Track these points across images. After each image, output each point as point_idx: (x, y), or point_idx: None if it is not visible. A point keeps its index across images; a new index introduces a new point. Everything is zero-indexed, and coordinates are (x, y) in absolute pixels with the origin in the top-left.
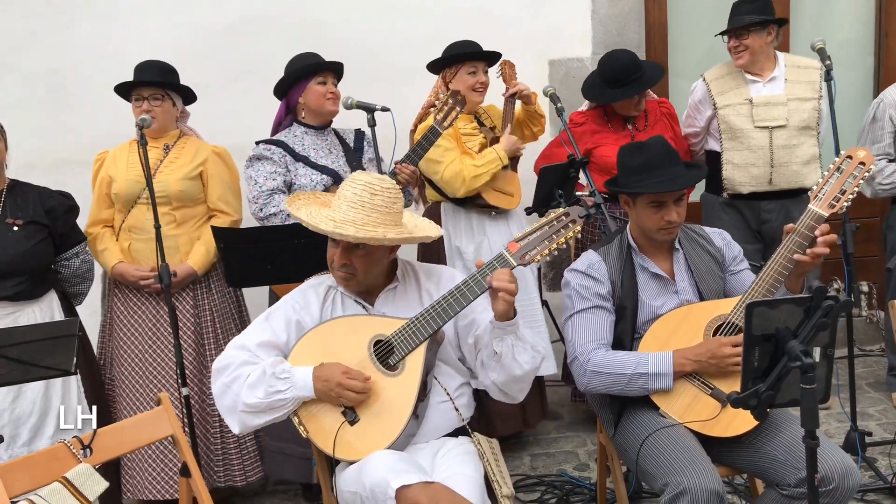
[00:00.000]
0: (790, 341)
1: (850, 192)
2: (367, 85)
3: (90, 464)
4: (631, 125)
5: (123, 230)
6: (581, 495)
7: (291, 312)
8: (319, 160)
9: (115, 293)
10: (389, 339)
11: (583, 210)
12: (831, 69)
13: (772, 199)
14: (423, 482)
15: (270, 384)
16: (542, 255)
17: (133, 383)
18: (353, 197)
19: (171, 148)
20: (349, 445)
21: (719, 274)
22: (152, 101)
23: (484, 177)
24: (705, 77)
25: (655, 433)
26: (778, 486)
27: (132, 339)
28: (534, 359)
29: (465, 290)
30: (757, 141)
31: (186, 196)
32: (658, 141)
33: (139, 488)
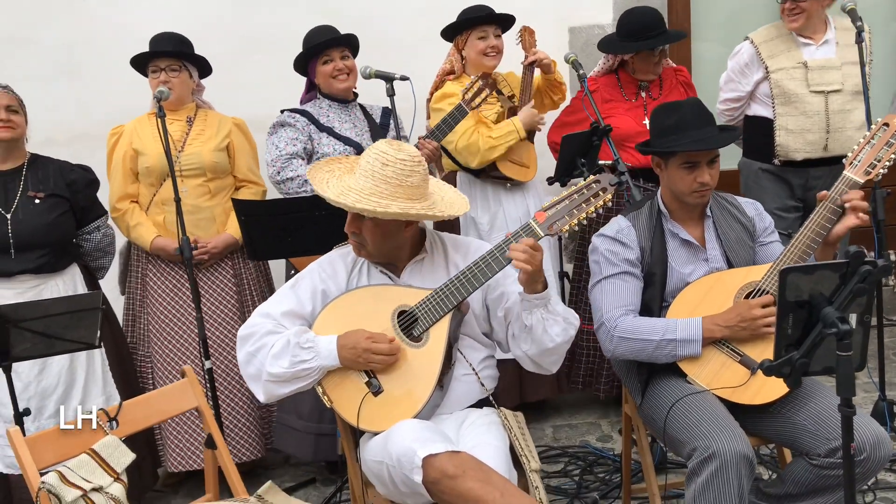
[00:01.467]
0: (825, 308)
1: (886, 160)
2: (383, 54)
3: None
4: (645, 93)
5: (156, 203)
6: (605, 466)
7: (318, 281)
8: (344, 132)
9: (150, 268)
10: (413, 310)
11: (614, 178)
12: (863, 30)
13: (822, 166)
14: (450, 451)
15: (295, 354)
16: (570, 226)
17: (173, 356)
18: (367, 166)
19: (194, 120)
20: (373, 416)
21: (750, 244)
22: (169, 73)
23: (499, 149)
24: (752, 39)
25: (682, 399)
26: (808, 455)
27: (170, 313)
28: (566, 331)
29: (490, 260)
30: (812, 106)
31: (219, 167)
32: (692, 101)
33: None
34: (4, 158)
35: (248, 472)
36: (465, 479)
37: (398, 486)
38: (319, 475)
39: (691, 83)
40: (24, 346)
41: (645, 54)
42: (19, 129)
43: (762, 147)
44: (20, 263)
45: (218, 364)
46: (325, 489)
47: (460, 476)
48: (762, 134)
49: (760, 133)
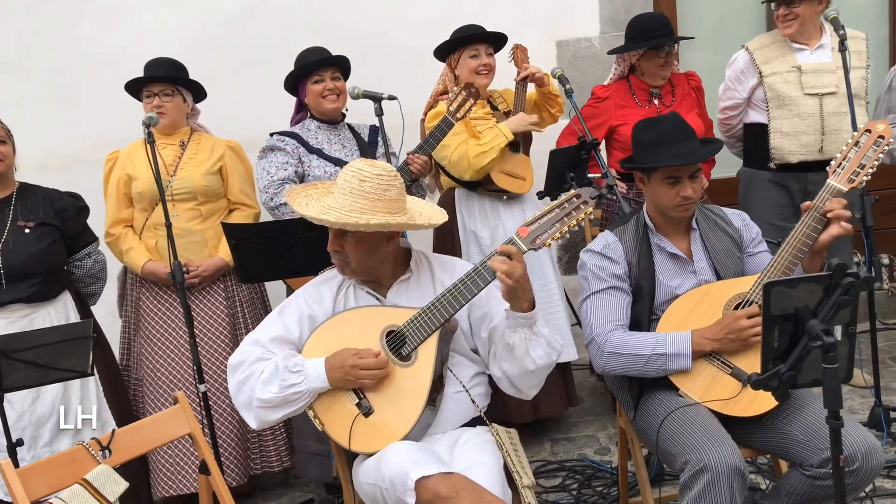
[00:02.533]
0: (810, 320)
1: (869, 167)
2: (376, 71)
3: (109, 465)
4: (657, 100)
5: (148, 228)
6: (602, 480)
7: (304, 306)
8: (333, 153)
9: (143, 292)
10: (401, 329)
11: (594, 191)
12: (845, 39)
13: (819, 170)
14: (443, 473)
15: (284, 378)
16: (553, 239)
17: (164, 381)
18: (344, 184)
19: (187, 144)
20: (364, 437)
21: (737, 255)
22: (163, 97)
23: (489, 154)
24: (748, 47)
25: (675, 412)
26: (801, 466)
27: (163, 337)
28: (548, 354)
29: (475, 277)
30: (807, 108)
31: (211, 191)
32: (671, 116)
33: (164, 484)
34: None
35: (247, 494)
36: (458, 500)
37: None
38: (317, 496)
39: (701, 87)
40: (17, 377)
41: (651, 56)
42: (7, 161)
43: (760, 153)
44: (11, 293)
45: (210, 388)
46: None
47: (453, 497)
48: (759, 140)
49: (757, 139)
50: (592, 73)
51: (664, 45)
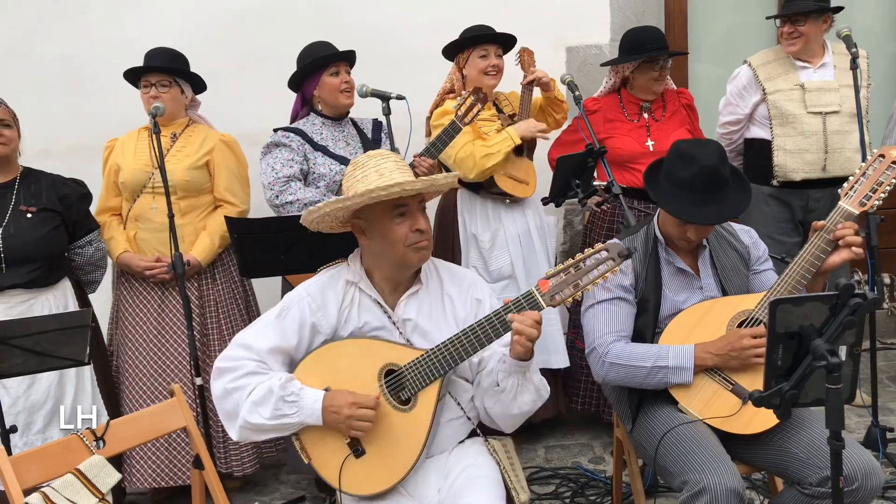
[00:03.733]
0: (815, 340)
1: (881, 191)
2: (382, 70)
3: (103, 455)
4: (647, 114)
5: (130, 219)
6: (596, 489)
7: (308, 313)
8: (337, 150)
9: (122, 282)
10: (402, 371)
11: (624, 248)
12: (857, 57)
13: (821, 188)
14: None
15: (277, 407)
16: (574, 298)
17: (138, 373)
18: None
19: (179, 136)
20: (355, 479)
21: (744, 271)
22: (160, 88)
23: (495, 157)
24: (751, 62)
25: (674, 429)
26: (799, 484)
27: (138, 328)
28: (534, 402)
29: (487, 327)
30: (810, 126)
31: (191, 186)
32: (710, 162)
33: (145, 477)
34: None
35: (240, 488)
36: None
37: None
38: (309, 492)
39: (693, 106)
40: (13, 363)
41: (645, 69)
42: (12, 144)
43: (761, 169)
44: (11, 278)
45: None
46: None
47: None
48: (761, 156)
49: (759, 155)
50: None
51: (659, 58)
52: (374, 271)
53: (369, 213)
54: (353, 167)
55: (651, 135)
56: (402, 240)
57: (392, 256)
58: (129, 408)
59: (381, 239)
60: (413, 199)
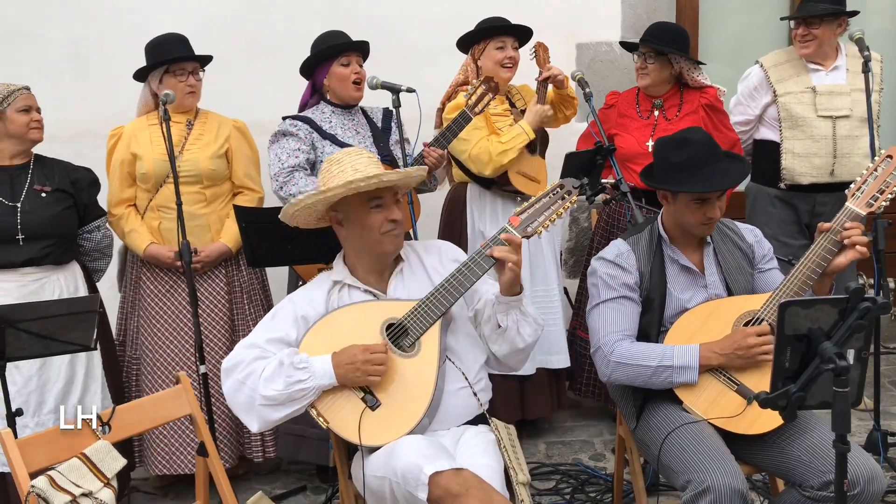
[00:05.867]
0: (824, 342)
1: (888, 192)
2: (392, 63)
3: (109, 441)
4: (659, 111)
5: (151, 209)
6: (596, 486)
7: (297, 308)
8: (346, 139)
9: (144, 272)
10: (402, 321)
11: (576, 181)
12: (870, 60)
13: (829, 192)
14: (455, 469)
15: (289, 374)
16: (543, 227)
17: (162, 361)
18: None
19: (194, 124)
20: (375, 431)
21: (749, 270)
22: (195, 76)
23: (511, 153)
24: (762, 63)
25: (678, 429)
26: (800, 487)
27: (163, 318)
28: (536, 332)
29: (472, 265)
30: (820, 130)
31: (216, 175)
32: (702, 137)
33: (157, 463)
34: (14, 155)
35: (241, 476)
36: (467, 497)
37: (398, 502)
38: (310, 482)
39: (717, 106)
40: (19, 346)
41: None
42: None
43: (769, 171)
44: (26, 252)
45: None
46: (316, 497)
47: (463, 495)
48: (769, 158)
49: (768, 157)
50: (611, 78)
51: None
52: (357, 265)
53: (346, 205)
54: (329, 164)
55: (655, 134)
56: (377, 227)
57: (369, 242)
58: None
59: (359, 227)
60: (388, 192)
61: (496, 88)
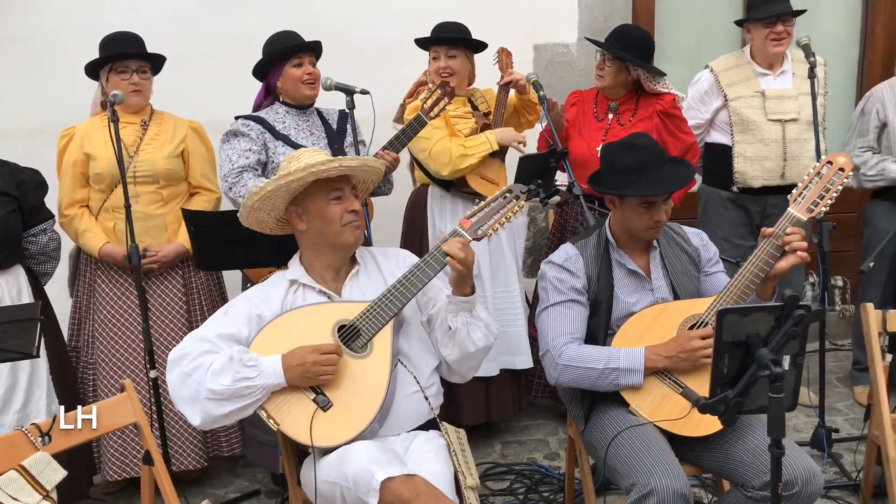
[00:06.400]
0: (760, 349)
1: (828, 198)
2: (348, 62)
3: (49, 452)
4: (614, 114)
5: (106, 210)
6: (550, 485)
7: (252, 306)
8: (300, 140)
9: (99, 275)
10: (354, 322)
11: (523, 186)
12: (815, 66)
13: (779, 194)
14: (406, 475)
15: (238, 370)
16: (493, 230)
17: (119, 365)
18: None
19: (149, 124)
20: (326, 432)
21: (695, 274)
22: (140, 74)
23: (471, 159)
24: (712, 67)
25: (625, 431)
26: (742, 487)
27: (119, 321)
28: (486, 337)
29: (424, 266)
30: (770, 134)
31: (173, 175)
32: (648, 142)
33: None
34: None
35: (194, 481)
36: (417, 503)
37: None
38: (264, 486)
39: (673, 112)
40: None
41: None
42: None
43: (721, 174)
44: None
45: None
46: (270, 501)
47: (413, 500)
48: (721, 161)
49: (719, 160)
50: (568, 79)
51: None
52: (313, 262)
53: (305, 198)
54: (288, 161)
55: (607, 139)
56: (337, 218)
57: (329, 235)
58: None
59: (319, 220)
60: (347, 184)
61: (452, 93)
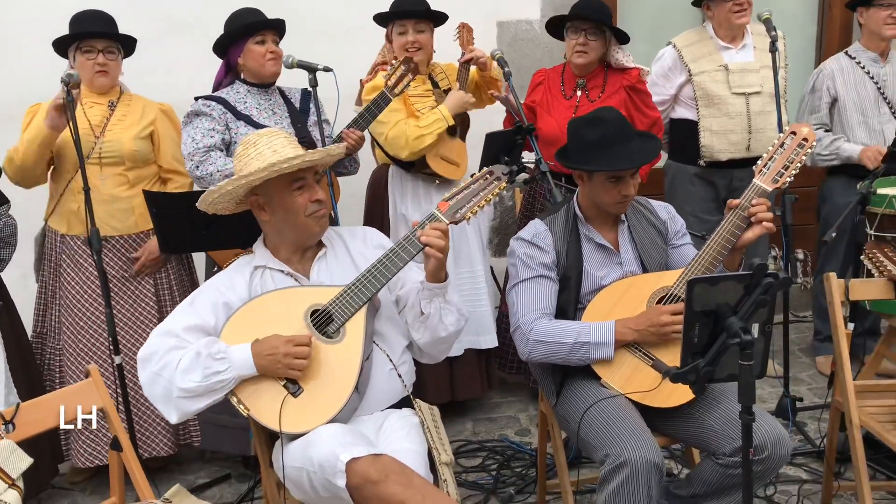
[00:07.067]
0: (730, 318)
1: (793, 168)
2: (310, 41)
3: (13, 440)
4: (582, 91)
5: (70, 192)
6: (522, 461)
7: (217, 294)
8: (262, 120)
9: (64, 259)
10: (327, 308)
11: (505, 168)
12: (776, 40)
13: (745, 167)
14: (373, 455)
15: (207, 366)
16: (471, 213)
17: (86, 351)
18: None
19: (117, 105)
20: (296, 418)
21: (662, 246)
22: (107, 55)
23: (428, 138)
24: (675, 44)
25: (597, 404)
26: (714, 455)
27: (85, 306)
28: (458, 321)
29: (399, 251)
30: (734, 107)
31: (140, 156)
32: (614, 115)
33: (82, 454)
34: None
35: (161, 468)
36: (387, 483)
37: (318, 492)
38: (234, 471)
39: (640, 87)
40: None
41: (569, 39)
42: None
43: (688, 149)
44: None
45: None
46: (241, 485)
47: (383, 481)
48: (687, 136)
49: (685, 135)
50: (532, 56)
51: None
52: (279, 247)
53: (267, 189)
54: (245, 147)
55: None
56: (302, 209)
57: (294, 226)
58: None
59: (283, 211)
60: (309, 171)
61: (416, 69)
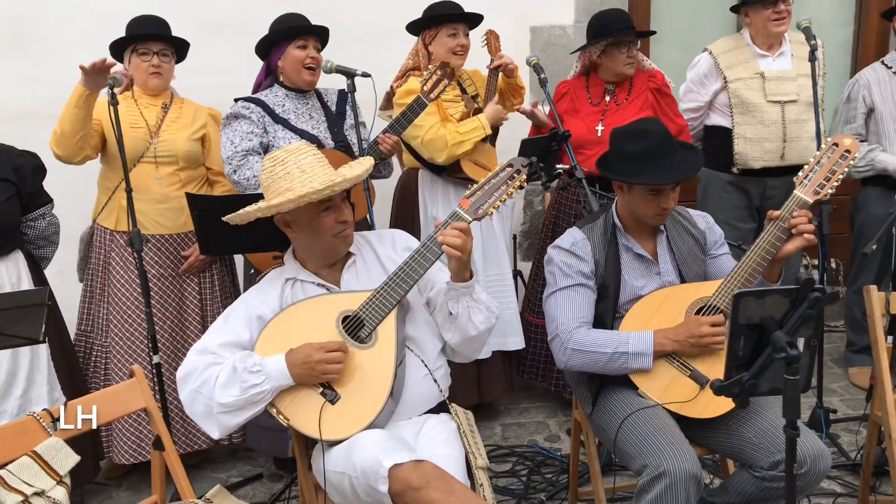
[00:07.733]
0: (776, 332)
1: (834, 180)
2: (345, 45)
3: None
4: (610, 96)
5: (121, 189)
6: (552, 467)
7: (250, 309)
8: (300, 124)
9: (113, 257)
10: (357, 313)
11: (525, 160)
12: (816, 49)
13: (779, 176)
14: (414, 461)
15: (244, 379)
16: (493, 208)
17: (130, 347)
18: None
19: (169, 107)
20: (335, 425)
21: (701, 257)
22: (161, 57)
23: (466, 144)
24: (711, 50)
25: (634, 414)
26: (751, 467)
27: (133, 304)
28: (488, 319)
29: (424, 252)
30: (770, 115)
31: (192, 157)
32: (659, 128)
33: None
34: None
35: (195, 465)
36: (428, 490)
37: (360, 497)
38: (266, 471)
39: (665, 90)
40: None
41: (612, 52)
42: None
43: (721, 156)
44: None
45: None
46: (273, 485)
47: (424, 487)
48: (721, 143)
49: (719, 142)
50: (565, 62)
51: (625, 39)
52: (307, 260)
53: (294, 210)
54: (273, 163)
55: (605, 119)
56: (329, 230)
57: (321, 245)
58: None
59: (310, 231)
60: (338, 193)
61: (452, 74)
